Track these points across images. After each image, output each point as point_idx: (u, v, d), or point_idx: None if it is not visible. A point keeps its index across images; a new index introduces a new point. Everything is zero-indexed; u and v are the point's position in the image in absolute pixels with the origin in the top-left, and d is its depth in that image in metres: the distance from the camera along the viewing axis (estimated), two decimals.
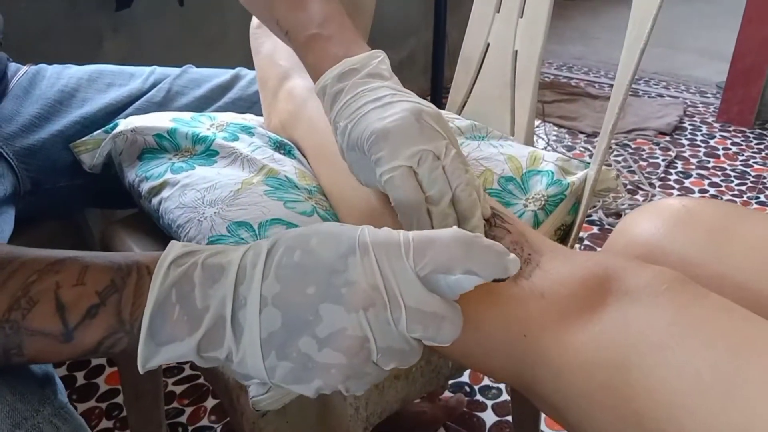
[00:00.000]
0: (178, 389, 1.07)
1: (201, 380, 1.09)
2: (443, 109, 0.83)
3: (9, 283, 0.33)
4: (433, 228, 0.45)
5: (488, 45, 0.78)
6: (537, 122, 2.08)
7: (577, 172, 0.65)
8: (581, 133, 2.07)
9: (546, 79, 2.57)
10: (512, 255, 0.38)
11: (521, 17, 0.74)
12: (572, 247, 0.63)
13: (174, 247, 0.36)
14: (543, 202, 0.61)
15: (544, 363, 0.42)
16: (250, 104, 0.80)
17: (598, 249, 1.39)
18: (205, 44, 1.45)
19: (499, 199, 0.62)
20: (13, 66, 0.72)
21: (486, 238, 0.38)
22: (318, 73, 0.51)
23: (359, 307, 0.34)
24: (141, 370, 0.34)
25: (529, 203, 0.61)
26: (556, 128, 2.12)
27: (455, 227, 0.38)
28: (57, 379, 0.40)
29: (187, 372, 1.11)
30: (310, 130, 0.66)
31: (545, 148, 1.94)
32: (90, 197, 0.71)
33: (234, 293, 0.34)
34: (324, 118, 0.66)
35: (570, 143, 2.02)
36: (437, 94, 2.12)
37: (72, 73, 0.74)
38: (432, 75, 2.12)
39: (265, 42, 0.75)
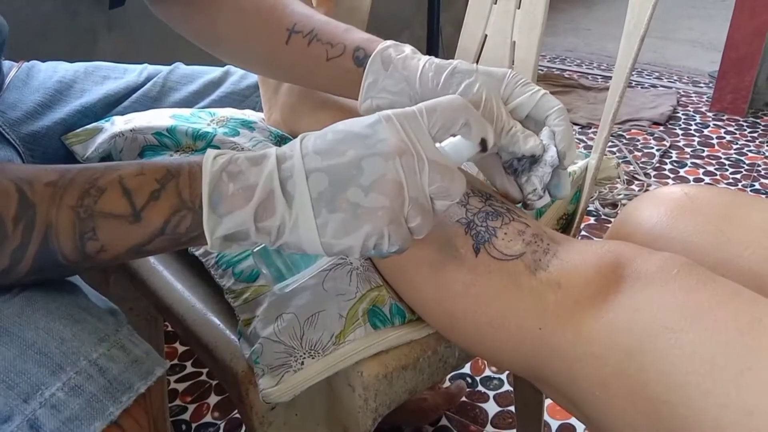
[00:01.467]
0: (181, 387, 1.07)
1: (203, 377, 1.09)
2: None
3: (77, 179, 0.37)
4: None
5: (486, 36, 0.78)
6: None
7: (578, 161, 0.65)
8: (576, 124, 2.07)
9: (539, 71, 2.57)
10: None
11: (518, 8, 0.74)
12: (575, 235, 0.64)
13: (211, 152, 0.40)
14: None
15: (559, 355, 0.42)
16: (242, 98, 0.80)
17: (596, 239, 1.40)
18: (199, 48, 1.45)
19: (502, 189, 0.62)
20: (6, 63, 0.71)
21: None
22: (370, 46, 0.55)
23: (395, 154, 0.39)
24: (209, 243, 0.38)
25: None
26: None
27: (456, 95, 0.44)
28: (122, 313, 0.43)
29: (190, 369, 1.11)
30: (313, 124, 0.66)
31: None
32: None
33: (278, 169, 0.39)
34: (324, 105, 0.66)
35: None
36: None
37: (67, 67, 0.74)
38: None
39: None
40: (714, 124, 2.10)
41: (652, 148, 1.93)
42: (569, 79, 2.44)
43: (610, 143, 1.93)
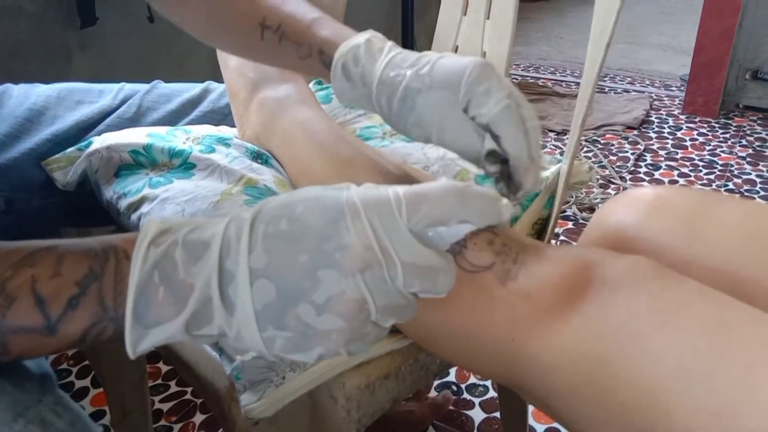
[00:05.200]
0: (166, 406, 1.06)
1: (188, 396, 1.08)
2: None
3: None
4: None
5: (457, 47, 0.79)
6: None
7: (550, 166, 0.66)
8: (551, 131, 2.10)
9: (514, 80, 2.60)
10: (504, 200, 0.38)
11: (488, 18, 0.75)
12: (549, 240, 0.64)
13: (151, 226, 0.35)
14: None
15: (533, 364, 0.43)
16: (221, 117, 0.80)
17: (574, 243, 1.42)
18: (175, 60, 1.45)
19: None
20: None
21: (476, 185, 0.38)
22: (334, 43, 0.51)
23: (356, 270, 0.33)
24: (131, 356, 0.34)
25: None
26: None
27: (444, 179, 0.37)
28: (53, 373, 0.39)
29: (174, 389, 1.10)
30: (285, 142, 0.66)
31: None
32: (65, 216, 0.71)
33: (220, 268, 0.33)
34: (298, 128, 0.66)
35: (540, 142, 2.04)
36: None
37: (40, 91, 0.73)
38: None
39: (232, 55, 0.75)
40: (687, 127, 2.14)
41: (627, 151, 1.96)
42: (543, 87, 2.47)
43: (585, 149, 1.96)
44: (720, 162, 1.88)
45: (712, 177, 1.80)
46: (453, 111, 0.47)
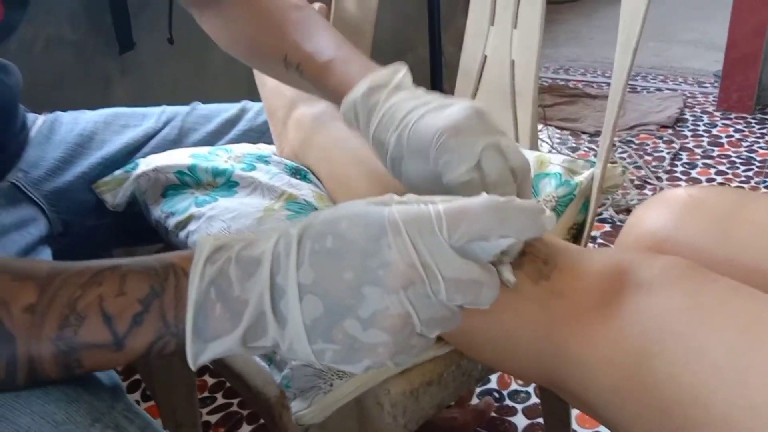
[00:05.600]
0: (213, 418, 1.09)
1: (235, 407, 1.11)
2: None
3: (56, 302, 0.35)
4: None
5: (485, 57, 0.80)
6: (539, 126, 2.10)
7: (584, 171, 0.67)
8: (584, 133, 2.09)
9: (544, 83, 2.60)
10: (548, 211, 0.38)
11: (515, 28, 0.77)
12: (585, 244, 0.65)
13: (206, 244, 0.37)
14: (554, 204, 0.63)
15: (570, 361, 0.44)
16: (259, 135, 0.82)
17: (611, 246, 1.41)
18: (210, 80, 1.49)
19: None
20: (30, 116, 0.75)
21: (519, 199, 0.38)
22: (342, 93, 0.53)
23: (398, 288, 0.34)
24: (193, 368, 0.36)
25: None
26: (558, 131, 2.14)
27: (485, 193, 0.38)
28: (122, 384, 0.42)
29: (221, 401, 1.13)
30: (322, 158, 0.68)
31: (549, 152, 1.96)
32: (116, 235, 0.74)
33: (271, 284, 0.35)
34: (334, 145, 0.69)
35: (574, 144, 2.04)
36: None
37: (88, 117, 0.77)
38: (431, 88, 2.15)
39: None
40: (722, 123, 2.11)
41: (662, 151, 1.94)
42: (574, 89, 2.46)
43: (619, 149, 1.95)
44: (758, 158, 1.85)
45: (750, 174, 1.77)
46: (431, 177, 0.48)
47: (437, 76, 2.16)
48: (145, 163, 0.69)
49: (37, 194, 0.65)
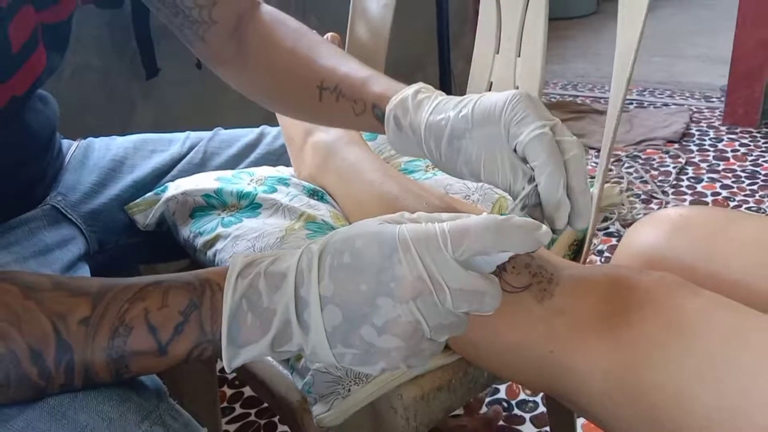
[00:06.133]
0: (232, 428, 1.13)
1: (253, 417, 1.15)
2: None
3: (107, 315, 0.40)
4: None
5: (491, 83, 0.85)
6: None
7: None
8: (592, 148, 2.13)
9: (552, 99, 2.65)
10: (544, 227, 0.41)
11: (519, 57, 0.81)
12: (586, 259, 0.70)
13: (237, 260, 0.42)
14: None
15: (570, 373, 0.48)
16: (277, 157, 0.87)
17: (596, 265, 1.45)
18: (229, 105, 1.55)
19: None
20: (65, 142, 0.80)
21: (517, 217, 0.41)
22: (386, 98, 0.57)
23: (408, 298, 0.38)
24: (228, 371, 0.41)
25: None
26: None
27: (485, 213, 0.42)
28: (164, 386, 0.46)
29: (239, 411, 1.17)
30: (337, 180, 0.73)
31: None
32: (146, 253, 0.79)
33: (296, 296, 0.40)
34: (349, 167, 0.73)
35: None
36: None
37: (118, 143, 0.82)
38: None
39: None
40: (728, 138, 2.14)
41: (669, 166, 1.97)
42: (582, 105, 2.50)
43: (626, 165, 1.98)
44: (763, 172, 1.89)
45: (755, 188, 1.80)
46: (497, 146, 0.49)
47: (447, 93, 2.22)
48: (174, 187, 0.74)
49: (75, 215, 0.70)
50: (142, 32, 1.29)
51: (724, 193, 1.79)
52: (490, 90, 0.85)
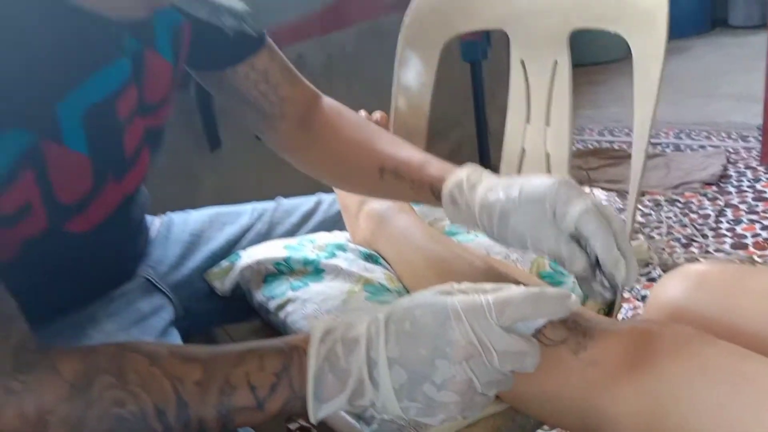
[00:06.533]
0: None
1: None
2: None
3: (215, 378, 0.48)
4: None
5: (524, 150, 0.94)
6: (585, 189, 2.20)
7: None
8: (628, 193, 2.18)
9: (589, 146, 2.71)
10: (573, 296, 0.49)
11: (548, 126, 0.90)
12: (617, 314, 0.76)
13: (318, 329, 0.50)
14: None
15: (603, 417, 0.55)
16: (333, 223, 0.97)
17: (625, 319, 1.49)
18: (285, 173, 1.66)
19: (551, 279, 0.76)
20: (147, 218, 0.91)
21: (550, 288, 0.50)
22: (442, 180, 0.67)
23: (461, 360, 0.46)
24: (314, 422, 0.49)
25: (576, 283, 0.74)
26: (605, 192, 2.24)
27: (523, 287, 0.49)
28: None
29: None
30: (390, 245, 0.82)
31: None
32: (223, 316, 0.89)
33: (367, 358, 0.48)
34: (401, 233, 0.83)
35: (621, 205, 2.13)
36: None
37: (195, 218, 0.93)
38: (479, 159, 2.29)
39: None
40: (766, 178, 2.16)
41: (707, 208, 2.01)
42: (618, 151, 2.56)
43: (665, 209, 2.03)
44: None
45: None
46: (542, 222, 0.58)
47: (484, 147, 2.30)
48: (247, 255, 0.84)
49: (164, 286, 0.80)
50: (206, 109, 1.43)
51: (765, 234, 1.82)
52: (523, 157, 0.94)
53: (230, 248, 0.89)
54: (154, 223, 0.90)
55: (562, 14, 0.84)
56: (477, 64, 2.00)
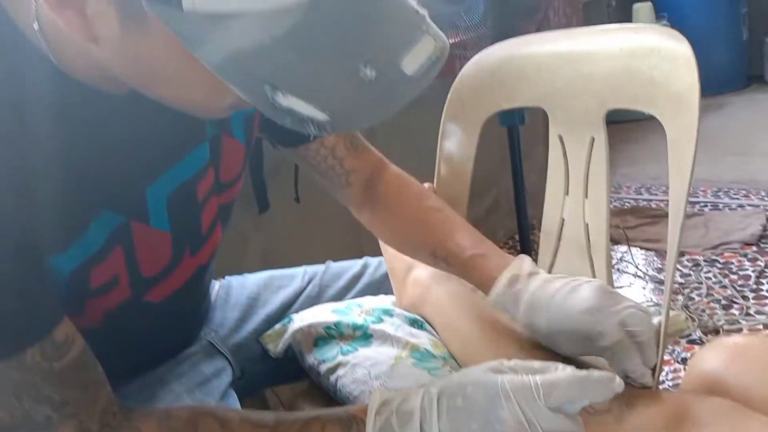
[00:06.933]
0: None
1: None
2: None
3: None
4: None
5: (563, 220, 0.98)
6: (623, 249, 2.22)
7: (653, 318, 0.81)
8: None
9: (626, 204, 2.73)
10: (618, 379, 0.53)
11: (586, 198, 0.94)
12: (657, 384, 0.78)
13: (375, 400, 0.54)
14: None
15: None
16: (378, 285, 1.02)
17: (664, 390, 1.49)
18: (331, 235, 1.73)
19: None
20: None
21: (596, 371, 0.54)
22: (487, 285, 0.72)
23: None
24: None
25: None
26: (643, 251, 2.24)
27: (570, 369, 0.53)
28: None
29: None
30: (437, 311, 0.87)
31: (635, 275, 2.06)
32: (275, 377, 0.94)
33: (420, 431, 0.51)
34: (446, 300, 0.87)
35: (659, 265, 2.13)
36: (525, 232, 2.32)
37: (251, 282, 0.99)
38: (517, 216, 2.33)
39: None
40: None
41: (747, 269, 2.00)
42: (657, 210, 2.57)
43: (704, 270, 2.02)
44: None
45: None
46: (583, 344, 0.66)
47: (521, 206, 2.34)
48: (299, 319, 0.89)
49: (224, 349, 0.85)
50: (257, 174, 1.50)
51: None
52: (562, 226, 0.98)
53: (284, 311, 0.95)
54: (214, 286, 0.96)
55: (597, 95, 0.89)
56: (514, 128, 2.06)
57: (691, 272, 2.02)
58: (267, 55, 0.39)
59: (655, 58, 0.82)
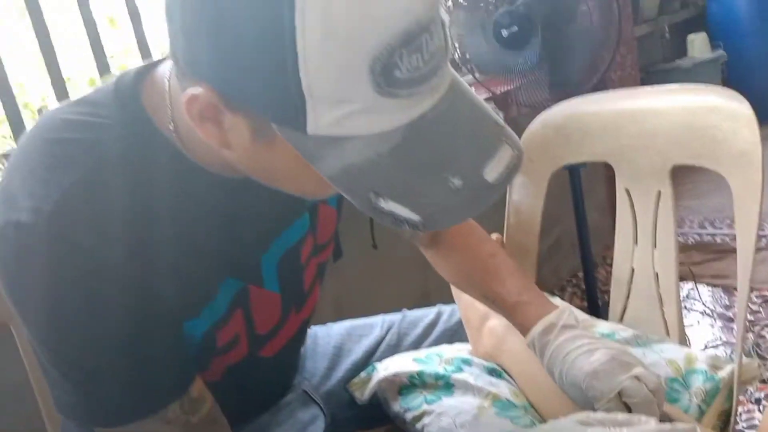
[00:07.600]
0: None
1: None
2: (606, 310, 1.06)
3: None
4: None
5: (633, 269, 1.02)
6: (689, 285, 2.20)
7: (726, 366, 0.84)
8: (736, 289, 2.15)
9: (690, 239, 2.70)
10: (698, 429, 0.58)
11: (655, 248, 0.98)
12: (732, 429, 0.81)
13: None
14: (703, 396, 0.80)
15: None
16: (452, 333, 1.07)
17: None
18: (400, 282, 1.79)
19: (668, 396, 0.82)
20: None
21: (680, 424, 0.58)
22: (525, 330, 0.78)
23: None
24: None
25: (693, 397, 0.81)
26: (710, 288, 2.22)
27: (653, 421, 0.57)
28: None
29: None
30: (514, 360, 0.92)
31: (703, 312, 2.04)
32: (361, 422, 1.00)
33: None
34: (522, 350, 0.92)
35: (727, 302, 2.11)
36: (589, 270, 2.33)
37: (334, 331, 1.06)
38: (581, 254, 2.34)
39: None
40: None
41: None
42: (722, 245, 2.54)
43: None
44: None
45: None
46: (587, 401, 0.70)
47: (585, 243, 2.36)
48: (383, 368, 0.95)
49: (317, 397, 0.92)
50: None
51: None
52: (632, 276, 1.02)
53: (367, 359, 1.01)
54: None
55: (662, 151, 0.93)
56: (576, 170, 2.09)
57: (761, 309, 1.99)
58: (373, 168, 0.47)
59: (716, 117, 0.87)
